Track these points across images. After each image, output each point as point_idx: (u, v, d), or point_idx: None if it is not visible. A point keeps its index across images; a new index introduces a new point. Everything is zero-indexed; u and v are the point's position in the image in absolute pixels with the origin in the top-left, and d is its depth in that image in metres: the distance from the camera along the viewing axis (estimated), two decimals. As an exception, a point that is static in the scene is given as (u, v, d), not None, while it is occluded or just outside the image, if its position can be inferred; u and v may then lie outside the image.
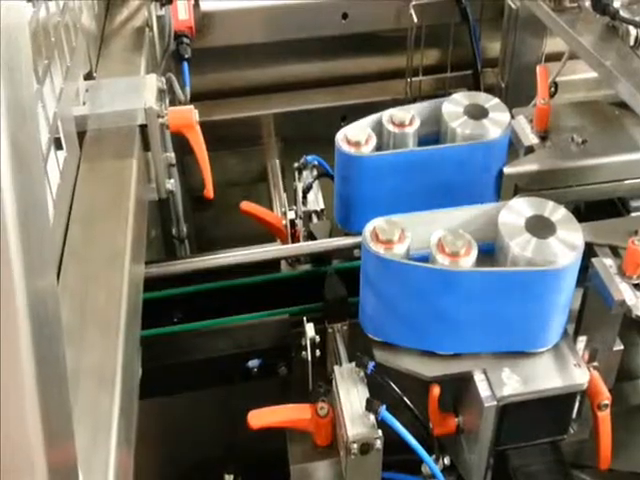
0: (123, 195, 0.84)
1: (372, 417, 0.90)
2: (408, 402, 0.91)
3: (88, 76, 1.02)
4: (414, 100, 1.56)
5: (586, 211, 1.20)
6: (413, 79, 1.61)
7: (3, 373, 0.41)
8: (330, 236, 1.13)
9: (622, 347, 1.01)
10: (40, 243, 0.45)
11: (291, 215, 1.24)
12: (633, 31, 1.12)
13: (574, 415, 0.96)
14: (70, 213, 0.81)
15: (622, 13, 1.13)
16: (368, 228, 0.92)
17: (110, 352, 0.67)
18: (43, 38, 0.78)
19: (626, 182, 1.14)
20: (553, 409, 0.93)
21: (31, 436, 0.42)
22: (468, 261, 0.90)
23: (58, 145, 0.80)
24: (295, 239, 1.20)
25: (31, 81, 0.47)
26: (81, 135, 0.91)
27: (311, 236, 1.15)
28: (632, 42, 1.12)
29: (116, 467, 0.59)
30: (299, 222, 1.21)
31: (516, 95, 1.53)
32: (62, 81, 0.85)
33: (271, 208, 1.47)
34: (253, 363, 1.00)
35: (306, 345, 0.98)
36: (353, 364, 0.96)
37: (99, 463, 0.58)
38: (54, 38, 0.82)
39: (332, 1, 1.55)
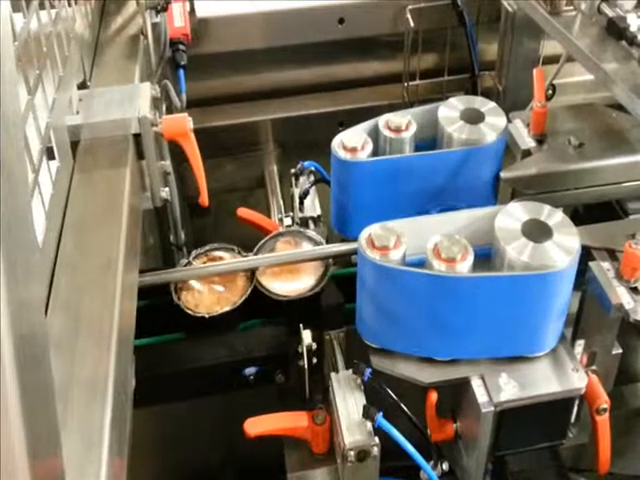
0: (116, 204, 0.84)
1: (369, 424, 0.90)
2: (405, 408, 0.90)
3: (82, 85, 1.01)
4: (412, 104, 1.56)
5: (584, 214, 1.20)
6: (410, 83, 1.61)
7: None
8: (327, 242, 1.12)
9: (620, 351, 1.00)
10: (25, 257, 0.45)
11: (288, 221, 1.24)
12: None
13: (573, 419, 0.96)
14: (63, 223, 0.80)
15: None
16: (364, 234, 0.92)
17: (103, 362, 0.67)
18: (35, 48, 0.77)
19: (623, 185, 1.14)
20: (551, 414, 0.92)
21: (15, 453, 0.42)
22: (464, 266, 0.89)
23: (51, 155, 0.80)
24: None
25: (16, 96, 0.47)
26: (75, 145, 0.91)
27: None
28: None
29: (107, 478, 0.59)
30: (296, 228, 1.21)
31: (514, 98, 1.53)
32: (55, 91, 0.85)
33: (268, 214, 1.47)
34: (250, 371, 1.00)
35: (303, 352, 0.98)
36: (350, 371, 0.96)
37: (90, 475, 0.58)
38: (46, 48, 0.82)
39: (329, 6, 1.55)
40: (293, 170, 1.28)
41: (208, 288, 1.04)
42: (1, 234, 0.40)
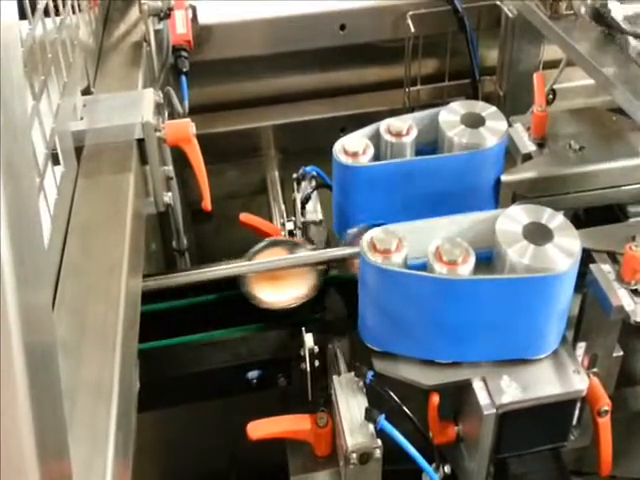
0: (121, 209, 0.85)
1: (371, 427, 0.90)
2: (407, 411, 0.91)
3: (86, 91, 1.02)
4: (413, 109, 1.56)
5: (585, 217, 1.20)
6: (411, 89, 1.61)
7: (-5, 392, 0.41)
8: (329, 246, 1.13)
9: (622, 353, 1.01)
10: (34, 260, 0.45)
11: (290, 226, 1.24)
12: (633, 42, 1.12)
13: (574, 422, 0.96)
14: (68, 227, 0.81)
15: (622, 24, 1.13)
16: (366, 238, 0.93)
17: (107, 365, 0.68)
18: (40, 54, 0.78)
19: (624, 188, 1.14)
20: (553, 416, 0.93)
21: (25, 453, 0.42)
22: (466, 269, 0.90)
23: (55, 160, 0.81)
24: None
25: (23, 100, 0.48)
26: (79, 150, 0.91)
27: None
28: (634, 54, 1.12)
29: (113, 481, 0.59)
30: (298, 233, 1.22)
31: (514, 103, 1.54)
32: (59, 97, 0.85)
33: (270, 219, 1.47)
34: (252, 374, 1.00)
35: (305, 356, 0.98)
36: (352, 374, 0.96)
37: (96, 477, 0.58)
38: (51, 54, 0.83)
39: (330, 12, 1.56)
40: (295, 175, 1.29)
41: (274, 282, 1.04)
42: (11, 238, 0.40)
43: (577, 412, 0.95)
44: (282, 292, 1.04)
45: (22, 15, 0.74)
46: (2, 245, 0.40)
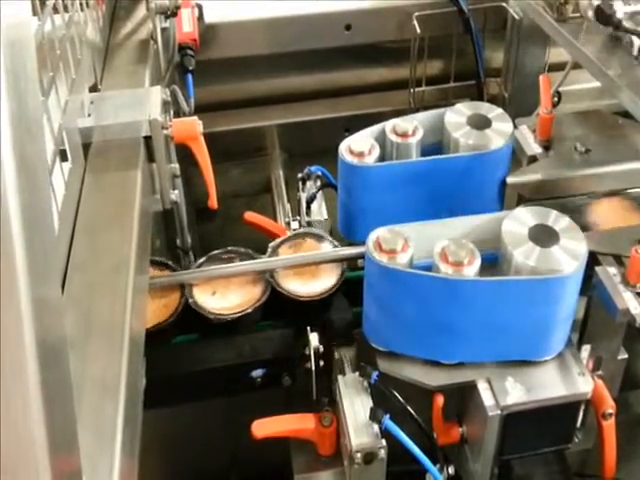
0: (128, 206, 0.84)
1: (376, 427, 0.90)
2: (412, 412, 0.91)
3: (93, 88, 1.02)
4: (417, 110, 1.56)
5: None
6: (416, 89, 1.61)
7: (8, 383, 0.41)
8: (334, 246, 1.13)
9: (626, 356, 1.01)
10: (45, 253, 0.45)
11: (295, 225, 1.24)
12: (637, 41, 1.12)
13: (578, 424, 0.96)
14: (75, 224, 0.81)
15: (625, 24, 1.13)
16: (371, 238, 0.93)
17: (114, 362, 0.68)
18: (48, 51, 0.78)
19: (629, 191, 1.14)
20: (557, 418, 0.93)
21: (36, 446, 0.42)
22: (471, 270, 0.90)
23: (63, 156, 0.81)
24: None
25: (37, 93, 0.48)
26: (86, 147, 0.91)
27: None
28: (636, 52, 1.12)
29: (120, 477, 0.59)
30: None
31: (519, 105, 1.54)
32: (67, 93, 0.85)
33: (275, 219, 1.47)
34: (257, 373, 1.00)
35: (310, 355, 0.98)
36: (357, 374, 0.96)
37: (103, 473, 0.58)
38: (59, 51, 0.83)
39: (335, 13, 1.56)
40: (300, 175, 1.29)
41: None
42: (24, 231, 0.40)
43: (581, 414, 0.95)
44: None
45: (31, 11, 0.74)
46: (15, 238, 0.40)
